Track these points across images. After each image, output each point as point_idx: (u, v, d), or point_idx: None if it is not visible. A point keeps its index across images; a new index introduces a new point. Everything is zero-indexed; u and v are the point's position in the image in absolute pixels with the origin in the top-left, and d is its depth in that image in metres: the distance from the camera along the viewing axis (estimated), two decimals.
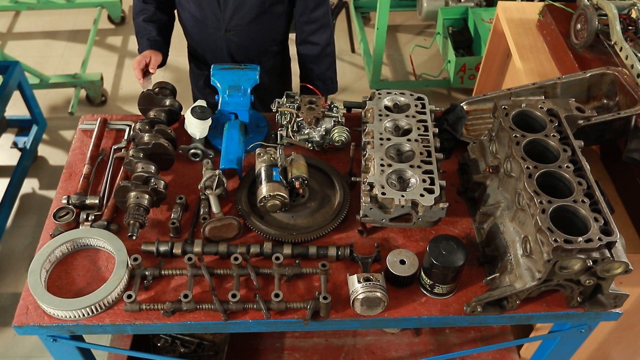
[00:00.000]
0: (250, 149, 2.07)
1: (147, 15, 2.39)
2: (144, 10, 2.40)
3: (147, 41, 2.35)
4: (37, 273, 1.67)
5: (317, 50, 2.48)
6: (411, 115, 1.93)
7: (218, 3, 2.31)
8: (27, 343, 3.00)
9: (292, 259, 1.76)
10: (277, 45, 2.55)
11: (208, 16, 2.35)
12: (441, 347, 2.42)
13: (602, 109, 2.18)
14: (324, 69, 2.53)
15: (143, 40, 2.37)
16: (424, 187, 1.71)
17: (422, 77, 4.40)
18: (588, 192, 1.59)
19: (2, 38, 4.88)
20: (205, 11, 2.34)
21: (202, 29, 2.42)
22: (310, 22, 2.42)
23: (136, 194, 1.76)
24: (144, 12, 2.39)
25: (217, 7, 2.32)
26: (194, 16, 2.39)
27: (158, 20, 2.40)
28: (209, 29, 2.39)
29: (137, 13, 2.42)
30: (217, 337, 2.47)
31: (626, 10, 2.40)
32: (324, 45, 2.47)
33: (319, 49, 2.47)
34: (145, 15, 2.39)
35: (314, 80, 2.54)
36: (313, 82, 2.54)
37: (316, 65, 2.51)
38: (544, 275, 1.53)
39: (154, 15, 2.39)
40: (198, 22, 2.40)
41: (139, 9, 2.41)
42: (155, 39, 2.36)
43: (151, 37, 2.36)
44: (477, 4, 4.29)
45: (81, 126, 2.18)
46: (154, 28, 2.38)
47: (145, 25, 2.38)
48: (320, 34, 2.45)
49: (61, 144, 4.02)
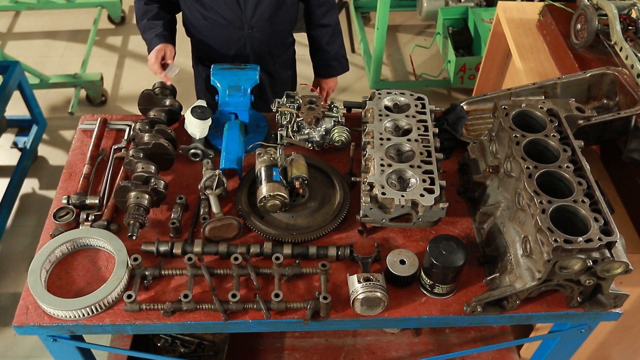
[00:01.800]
0: (250, 149, 2.07)
1: (152, 15, 2.39)
2: (147, 12, 2.40)
3: (156, 37, 2.33)
4: (37, 273, 1.67)
5: (330, 32, 2.58)
6: (411, 115, 1.93)
7: (237, 3, 2.32)
8: (27, 343, 3.00)
9: (292, 259, 1.76)
10: (291, 36, 2.64)
11: (229, 18, 2.36)
12: (441, 347, 2.42)
13: (602, 109, 2.18)
14: (338, 48, 2.63)
15: (152, 37, 2.35)
16: (424, 187, 1.71)
17: (422, 77, 4.40)
18: (588, 192, 1.59)
19: (2, 38, 4.87)
20: (226, 13, 2.34)
21: (222, 32, 2.41)
22: (320, 5, 2.51)
23: (136, 194, 1.76)
24: (147, 12, 2.40)
25: (237, 8, 2.33)
26: (213, 21, 2.38)
27: (163, 18, 2.40)
28: (231, 29, 2.40)
29: (141, 16, 2.41)
30: (217, 337, 2.47)
31: (626, 10, 2.40)
32: (335, 25, 2.58)
33: (331, 29, 2.57)
34: (149, 15, 2.39)
35: (330, 61, 2.64)
36: (329, 64, 2.64)
37: (331, 46, 2.61)
38: (544, 275, 1.53)
39: (158, 14, 2.40)
40: (218, 25, 2.39)
41: (142, 11, 2.40)
42: (164, 34, 2.36)
43: (159, 32, 2.35)
44: (477, 4, 4.28)
45: (81, 126, 2.18)
46: (160, 25, 2.37)
47: (151, 23, 2.37)
48: (330, 15, 2.55)
49: (61, 144, 4.02)
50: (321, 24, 2.56)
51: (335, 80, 2.76)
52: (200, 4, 2.35)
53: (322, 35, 2.58)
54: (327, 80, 2.72)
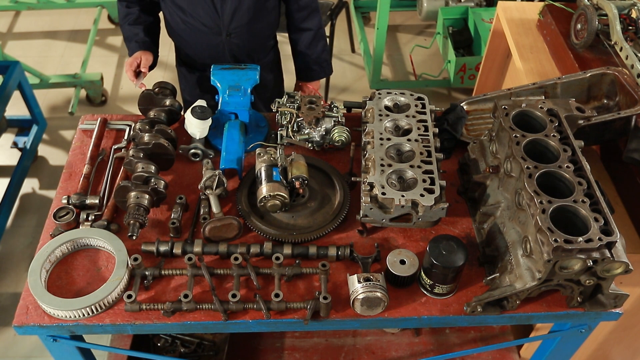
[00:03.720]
0: (250, 149, 2.07)
1: (132, 19, 2.40)
2: (128, 15, 2.41)
3: (136, 43, 2.37)
4: (37, 273, 1.67)
5: (311, 35, 2.55)
6: (411, 115, 1.93)
7: (215, 9, 2.31)
8: (27, 343, 3.00)
9: (292, 259, 1.76)
10: (272, 39, 2.62)
11: (207, 23, 2.36)
12: (441, 347, 2.42)
13: (602, 109, 2.18)
14: (319, 52, 2.60)
15: (132, 44, 2.39)
16: (424, 187, 1.71)
17: (422, 77, 4.40)
18: (588, 192, 1.59)
19: (2, 38, 4.88)
20: (204, 19, 2.34)
21: (201, 37, 2.41)
22: (300, 10, 2.48)
23: (136, 194, 1.76)
24: (128, 16, 2.41)
25: (215, 14, 2.32)
26: (192, 26, 2.38)
27: (143, 22, 2.41)
28: (209, 35, 2.40)
29: (122, 19, 2.43)
30: (217, 337, 2.47)
31: (626, 10, 2.40)
32: (316, 29, 2.55)
33: (312, 33, 2.55)
34: (130, 19, 2.40)
35: (311, 65, 2.61)
36: (310, 67, 2.62)
37: (311, 50, 2.58)
38: (544, 275, 1.53)
39: (139, 18, 2.41)
40: (197, 30, 2.39)
41: (124, 14, 2.42)
42: (144, 40, 2.39)
43: (139, 39, 2.38)
44: (477, 3, 4.29)
45: (81, 126, 2.18)
46: (141, 30, 2.40)
47: (132, 28, 2.40)
48: (312, 19, 2.52)
49: (61, 144, 4.02)
50: (301, 28, 2.53)
51: (317, 84, 2.73)
52: (180, 8, 2.35)
53: (302, 38, 2.55)
54: (308, 84, 2.69)
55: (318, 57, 2.60)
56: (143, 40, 2.38)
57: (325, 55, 2.63)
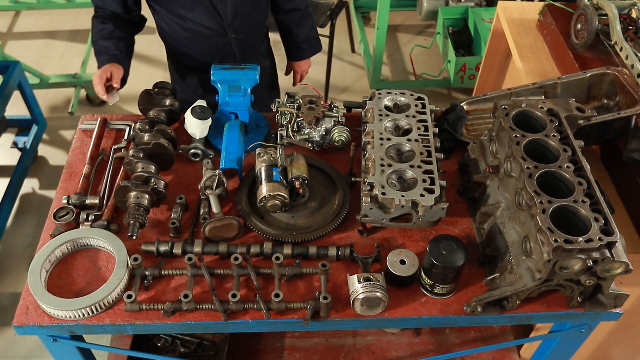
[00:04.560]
0: (250, 149, 2.07)
1: (106, 33, 2.30)
2: (102, 31, 2.31)
3: (107, 56, 2.27)
4: (37, 273, 1.66)
5: (299, 15, 2.59)
6: (411, 115, 1.93)
7: (216, 10, 2.31)
8: (27, 343, 3.00)
9: (292, 259, 1.76)
10: (265, 26, 2.64)
11: (210, 26, 2.35)
12: (441, 347, 2.42)
13: (602, 109, 2.18)
14: (308, 30, 2.64)
15: (102, 57, 2.28)
16: (424, 187, 1.71)
17: (422, 77, 4.40)
18: (588, 192, 1.59)
19: (2, 38, 4.87)
20: (206, 22, 2.33)
21: (206, 40, 2.40)
22: None
23: (136, 194, 1.76)
24: (102, 31, 2.31)
25: (217, 15, 2.32)
26: (194, 31, 2.36)
27: (116, 38, 2.31)
28: (214, 37, 2.39)
29: (95, 35, 2.33)
30: (217, 337, 2.47)
31: (626, 10, 2.40)
32: (304, 7, 2.59)
33: (300, 13, 2.59)
34: (104, 33, 2.30)
35: (301, 43, 2.66)
36: (300, 46, 2.66)
37: (300, 29, 2.62)
38: (544, 275, 1.53)
39: (113, 33, 2.31)
40: (201, 35, 2.38)
41: (97, 30, 2.32)
42: (114, 53, 2.28)
43: (110, 52, 2.28)
44: (477, 3, 4.29)
45: (81, 126, 2.18)
46: (112, 44, 2.29)
47: (103, 42, 2.29)
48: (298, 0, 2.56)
49: (61, 144, 4.02)
50: (288, 9, 2.57)
51: (308, 63, 2.76)
52: (178, 16, 2.32)
53: (289, 19, 2.59)
54: (300, 63, 2.72)
55: (307, 35, 2.64)
56: (113, 53, 2.27)
57: (313, 33, 2.67)
